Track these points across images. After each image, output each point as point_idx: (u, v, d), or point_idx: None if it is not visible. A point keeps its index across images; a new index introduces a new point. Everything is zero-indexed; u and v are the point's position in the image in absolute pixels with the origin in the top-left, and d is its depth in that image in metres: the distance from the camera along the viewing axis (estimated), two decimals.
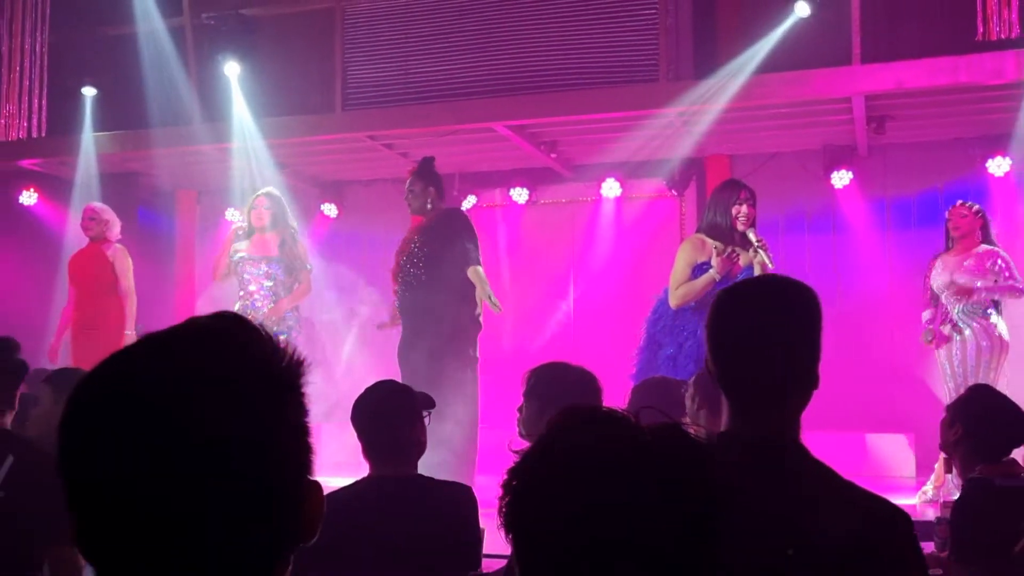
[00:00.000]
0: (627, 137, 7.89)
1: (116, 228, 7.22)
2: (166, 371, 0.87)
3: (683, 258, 5.55)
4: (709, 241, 5.49)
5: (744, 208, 5.47)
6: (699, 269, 5.46)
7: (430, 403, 3.24)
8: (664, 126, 7.63)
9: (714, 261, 5.34)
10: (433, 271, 6.12)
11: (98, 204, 7.36)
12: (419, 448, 3.01)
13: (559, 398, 2.97)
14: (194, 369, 0.87)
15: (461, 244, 6.10)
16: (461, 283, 6.08)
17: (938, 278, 6.28)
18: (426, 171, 6.43)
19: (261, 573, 0.90)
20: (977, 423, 3.29)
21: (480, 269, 6.04)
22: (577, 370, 3.32)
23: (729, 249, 5.38)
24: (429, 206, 6.30)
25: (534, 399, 3.29)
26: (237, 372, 0.89)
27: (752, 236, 5.43)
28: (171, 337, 0.91)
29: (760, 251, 5.35)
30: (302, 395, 0.94)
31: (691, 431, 1.09)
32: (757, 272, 5.31)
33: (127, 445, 0.84)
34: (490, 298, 5.86)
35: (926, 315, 6.49)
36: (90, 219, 7.16)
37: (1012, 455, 3.29)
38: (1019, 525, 3.00)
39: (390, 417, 2.99)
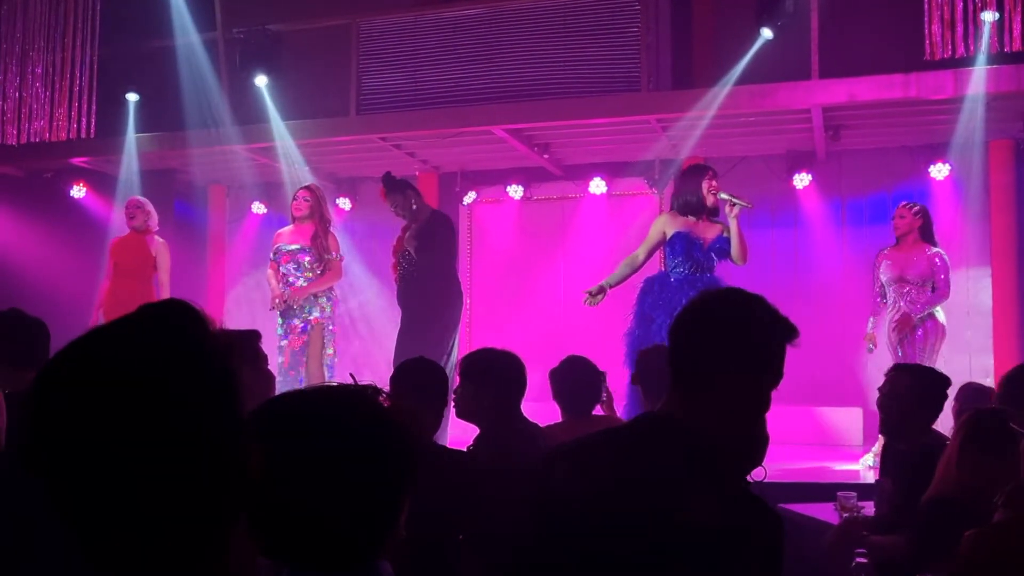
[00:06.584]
0: (612, 140, 8.36)
1: (155, 219, 7.40)
2: (120, 350, 0.95)
3: (657, 227, 6.11)
4: (680, 215, 6.05)
5: (713, 183, 6.03)
6: (674, 239, 5.97)
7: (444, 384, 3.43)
8: (645, 131, 8.05)
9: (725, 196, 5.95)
10: (420, 271, 6.59)
11: (140, 197, 7.53)
12: (436, 423, 3.27)
13: (489, 380, 3.38)
14: (145, 348, 0.94)
15: (441, 251, 6.61)
16: (445, 279, 6.61)
17: (887, 272, 6.62)
18: (393, 185, 6.66)
19: (218, 524, 0.97)
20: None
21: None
22: (504, 354, 3.44)
23: None
24: (415, 207, 6.62)
25: (468, 382, 3.41)
26: (179, 350, 0.95)
27: (724, 195, 5.95)
28: (126, 322, 0.98)
29: (737, 202, 5.86)
30: (233, 372, 0.99)
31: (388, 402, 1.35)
32: (734, 228, 5.89)
33: (83, 413, 0.91)
34: None
35: (871, 324, 6.78)
36: (136, 208, 7.33)
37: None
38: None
39: (424, 391, 3.16)
